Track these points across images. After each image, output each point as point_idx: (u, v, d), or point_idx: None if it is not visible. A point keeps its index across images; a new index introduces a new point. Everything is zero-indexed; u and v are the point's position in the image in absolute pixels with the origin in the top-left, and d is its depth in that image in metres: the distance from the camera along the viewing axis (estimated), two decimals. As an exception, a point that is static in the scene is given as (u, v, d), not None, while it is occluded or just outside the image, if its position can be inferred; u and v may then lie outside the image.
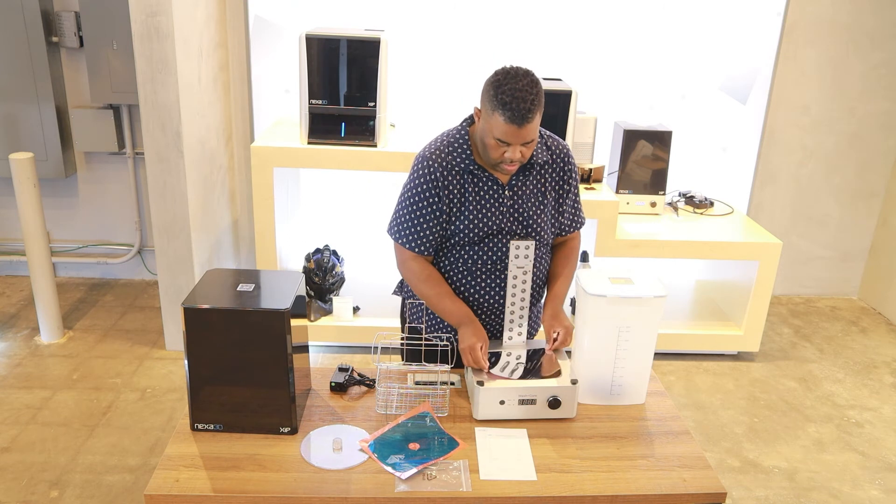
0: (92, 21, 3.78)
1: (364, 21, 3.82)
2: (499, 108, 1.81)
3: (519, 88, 1.80)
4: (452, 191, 1.98)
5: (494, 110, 1.82)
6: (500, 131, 1.84)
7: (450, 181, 1.97)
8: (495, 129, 1.84)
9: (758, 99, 4.06)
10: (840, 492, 2.95)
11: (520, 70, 1.85)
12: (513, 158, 1.88)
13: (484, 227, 2.00)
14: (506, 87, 1.80)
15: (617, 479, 1.72)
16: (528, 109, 1.80)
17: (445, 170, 1.97)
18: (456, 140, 2.00)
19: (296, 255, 4.00)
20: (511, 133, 1.83)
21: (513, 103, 1.79)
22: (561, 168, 2.06)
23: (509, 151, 1.87)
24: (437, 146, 2.01)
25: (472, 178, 1.99)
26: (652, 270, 3.12)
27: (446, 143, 2.01)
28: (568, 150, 2.09)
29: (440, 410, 1.93)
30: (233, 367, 1.75)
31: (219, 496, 1.62)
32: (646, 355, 1.97)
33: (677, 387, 3.66)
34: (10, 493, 2.72)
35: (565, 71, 3.94)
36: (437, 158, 1.98)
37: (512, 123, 1.81)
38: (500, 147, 1.87)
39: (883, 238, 4.56)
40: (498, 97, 1.81)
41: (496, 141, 1.86)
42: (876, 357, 4.05)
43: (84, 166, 4.29)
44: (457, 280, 2.07)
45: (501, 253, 2.03)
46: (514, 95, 1.79)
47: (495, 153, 1.89)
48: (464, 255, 2.04)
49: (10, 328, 3.92)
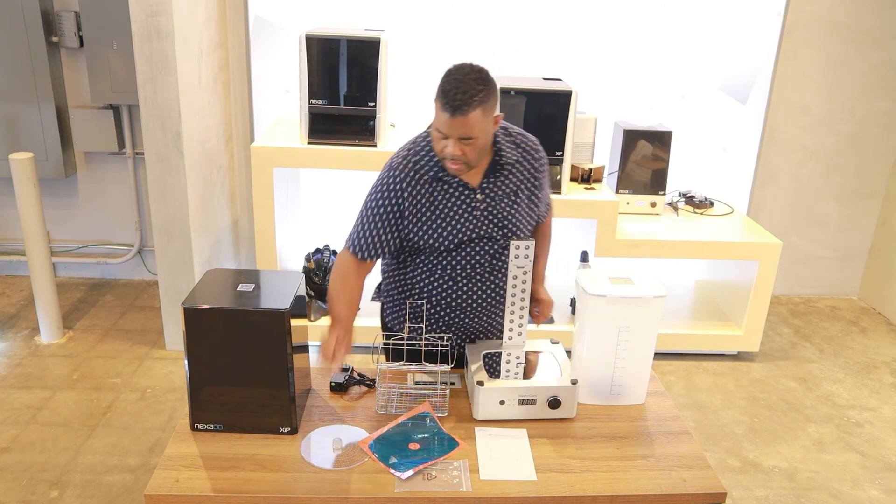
0: (92, 21, 3.78)
1: (364, 21, 3.82)
2: (440, 97, 1.80)
3: (462, 80, 1.77)
4: (421, 200, 1.94)
5: (437, 98, 1.82)
6: (438, 120, 1.83)
7: (418, 191, 1.93)
8: (435, 118, 1.84)
9: (758, 99, 4.06)
10: (840, 492, 2.95)
11: (474, 66, 1.83)
12: (452, 154, 1.84)
13: (459, 234, 1.96)
14: (451, 77, 1.79)
15: (617, 479, 1.72)
16: (464, 101, 1.76)
17: (413, 179, 1.93)
18: (422, 147, 1.96)
19: (296, 255, 4.00)
20: (446, 123, 1.80)
21: (451, 92, 1.77)
22: (532, 164, 2.03)
23: (448, 146, 1.84)
24: (405, 154, 1.97)
25: (442, 186, 1.95)
26: (652, 270, 3.13)
27: (413, 151, 1.97)
28: (536, 142, 2.07)
29: (440, 410, 1.93)
30: (233, 367, 1.75)
31: (219, 496, 1.62)
32: (646, 355, 1.97)
33: (677, 387, 3.66)
34: (10, 493, 2.72)
35: (565, 71, 3.94)
36: (405, 168, 1.94)
37: (445, 112, 1.78)
38: (441, 140, 1.85)
39: (883, 238, 4.56)
40: (442, 85, 1.80)
41: (438, 133, 1.84)
42: (876, 357, 4.05)
43: (84, 166, 4.29)
44: (438, 287, 2.04)
45: (480, 257, 2.00)
46: (455, 85, 1.77)
47: (437, 146, 1.88)
48: (442, 262, 2.01)
49: (10, 328, 3.92)
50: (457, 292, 2.05)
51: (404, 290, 2.12)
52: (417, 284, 2.07)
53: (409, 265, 2.06)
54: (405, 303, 2.12)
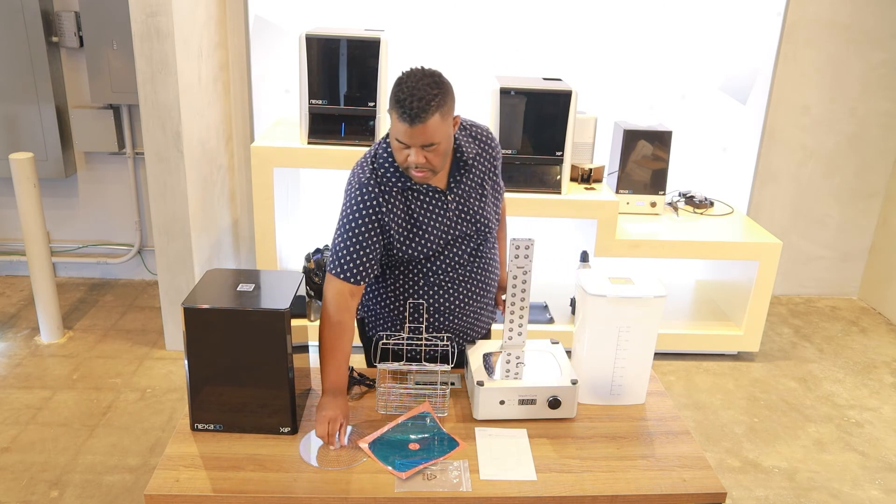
0: (92, 21, 3.78)
1: (364, 21, 3.82)
2: (395, 107, 1.74)
3: (417, 87, 1.72)
4: (397, 213, 1.89)
5: (392, 109, 1.75)
6: (396, 130, 1.76)
7: (393, 203, 1.88)
8: (393, 128, 1.77)
9: (758, 99, 4.06)
10: (840, 492, 2.95)
11: (426, 70, 1.78)
12: (416, 163, 1.78)
13: (438, 240, 1.94)
14: (404, 85, 1.73)
15: (617, 479, 1.72)
16: (421, 109, 1.70)
17: (385, 193, 1.87)
18: (384, 159, 1.89)
19: (296, 255, 4.00)
20: (406, 133, 1.74)
21: (406, 101, 1.71)
22: (490, 154, 2.02)
23: (411, 155, 1.78)
24: (369, 169, 1.89)
25: (413, 195, 1.90)
26: (652, 270, 3.13)
27: (377, 164, 1.89)
28: (489, 130, 2.04)
29: (440, 410, 1.93)
30: (233, 367, 1.75)
31: (219, 496, 1.62)
32: (646, 355, 1.97)
33: (677, 387, 3.66)
34: (10, 493, 2.72)
35: (565, 71, 3.94)
36: (373, 184, 1.87)
37: (403, 122, 1.73)
38: (402, 150, 1.79)
39: (883, 238, 4.56)
40: (395, 94, 1.74)
41: (398, 143, 1.78)
42: (876, 357, 4.05)
43: (84, 166, 4.29)
44: (423, 295, 2.01)
45: (458, 258, 1.98)
46: (410, 93, 1.71)
47: (399, 156, 1.81)
48: (424, 270, 1.98)
49: (10, 328, 3.92)
50: (441, 296, 2.02)
51: (385, 302, 2.08)
52: (400, 295, 2.04)
53: (389, 277, 2.03)
54: (387, 314, 2.08)
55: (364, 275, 1.90)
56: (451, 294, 2.03)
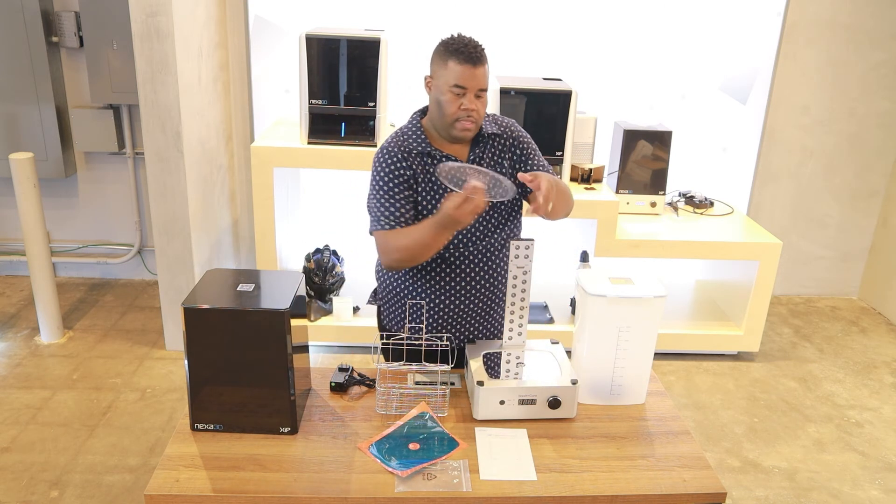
0: (92, 21, 3.78)
1: (364, 21, 3.82)
2: (452, 56, 1.92)
3: (466, 41, 1.94)
4: (418, 172, 2.01)
5: (448, 59, 1.93)
6: (456, 75, 1.92)
7: (414, 162, 2.01)
8: (450, 76, 1.92)
9: (758, 99, 4.06)
10: (840, 492, 2.95)
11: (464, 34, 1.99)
12: (471, 107, 1.93)
13: None
14: (454, 39, 1.95)
15: (617, 479, 1.72)
16: (479, 53, 1.93)
17: (406, 153, 2.01)
18: (410, 130, 2.05)
19: (296, 255, 4.00)
20: (467, 75, 1.91)
21: (464, 48, 1.92)
22: (512, 138, 2.10)
23: (465, 100, 1.93)
24: (391, 139, 2.06)
25: (433, 161, 2.02)
26: (652, 270, 3.13)
27: (400, 134, 2.05)
28: (514, 122, 2.15)
29: (440, 410, 1.93)
30: (233, 367, 1.75)
31: (219, 496, 1.62)
32: (646, 355, 1.97)
33: (677, 387, 3.66)
34: (10, 493, 2.72)
35: (565, 71, 3.94)
36: (395, 147, 2.02)
37: (467, 63, 1.91)
38: (457, 99, 1.94)
39: (883, 238, 4.56)
40: (449, 48, 1.93)
41: (452, 91, 1.93)
42: (876, 357, 4.05)
43: (84, 166, 4.29)
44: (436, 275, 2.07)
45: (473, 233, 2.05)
46: (464, 42, 1.93)
47: (452, 107, 1.95)
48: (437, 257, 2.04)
49: (10, 328, 3.92)
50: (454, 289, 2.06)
51: (402, 292, 2.13)
52: (415, 285, 2.09)
53: None
54: (403, 304, 2.12)
55: (397, 220, 2.00)
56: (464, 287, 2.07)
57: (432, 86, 2.00)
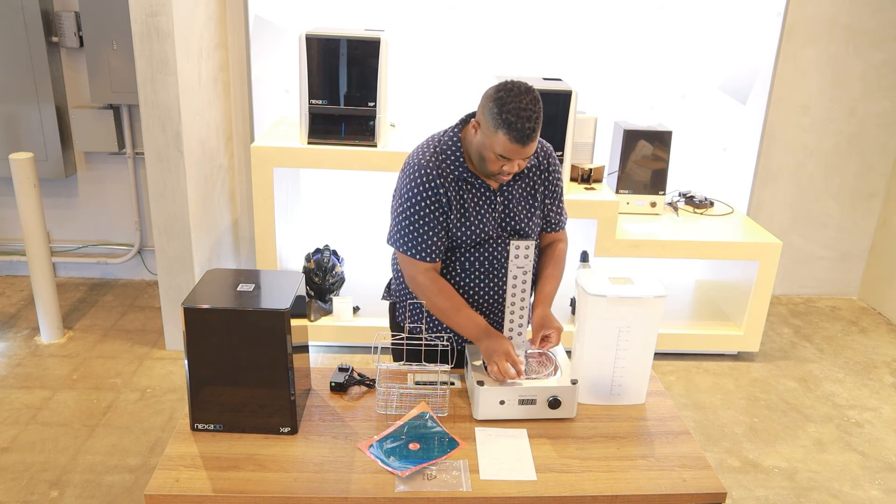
0: (92, 21, 3.78)
1: (364, 21, 3.82)
2: (503, 128, 1.81)
3: (523, 108, 1.79)
4: (453, 196, 1.97)
5: (498, 129, 1.82)
6: (503, 149, 1.84)
7: (447, 188, 1.96)
8: (497, 146, 1.84)
9: (758, 99, 4.06)
10: (840, 492, 2.95)
11: (522, 86, 1.83)
12: (511, 171, 1.90)
13: (480, 234, 2.01)
14: (510, 106, 1.79)
15: (617, 479, 1.72)
16: (532, 129, 1.81)
17: (443, 177, 1.95)
18: (448, 147, 1.98)
19: (296, 255, 4.00)
20: (514, 151, 1.84)
21: (517, 123, 1.79)
22: (546, 169, 2.08)
23: (507, 166, 1.89)
24: (430, 153, 1.98)
25: (467, 186, 1.99)
26: (652, 270, 3.13)
27: (439, 150, 1.98)
28: (551, 149, 2.10)
29: (440, 410, 1.93)
30: (233, 367, 1.75)
31: (219, 496, 1.62)
32: (646, 355, 1.97)
33: (677, 387, 3.66)
34: (10, 493, 2.72)
35: (565, 71, 3.94)
36: (432, 167, 1.95)
37: (517, 143, 1.82)
38: (500, 161, 1.88)
39: (883, 238, 4.56)
40: (502, 115, 1.80)
41: (496, 156, 1.87)
42: (876, 357, 4.05)
43: (84, 166, 4.29)
44: (452, 283, 2.08)
45: (493, 257, 2.05)
46: (519, 115, 1.79)
47: (493, 167, 1.90)
48: (460, 258, 2.05)
49: (10, 328, 3.92)
50: (472, 287, 2.07)
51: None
52: None
53: None
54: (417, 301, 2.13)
55: (437, 252, 2.00)
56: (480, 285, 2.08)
57: (478, 133, 1.90)
